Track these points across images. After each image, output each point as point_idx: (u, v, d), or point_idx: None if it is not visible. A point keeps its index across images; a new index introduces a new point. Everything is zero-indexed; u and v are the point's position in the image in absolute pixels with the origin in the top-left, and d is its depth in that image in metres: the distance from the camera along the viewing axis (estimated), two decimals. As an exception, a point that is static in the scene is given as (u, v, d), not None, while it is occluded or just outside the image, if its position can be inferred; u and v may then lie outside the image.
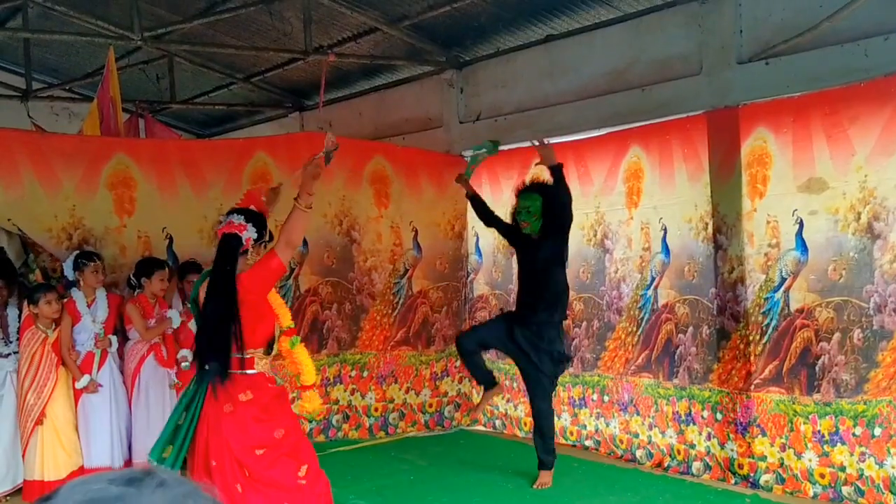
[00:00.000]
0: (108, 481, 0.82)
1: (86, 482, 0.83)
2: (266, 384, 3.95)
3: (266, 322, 3.94)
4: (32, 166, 6.05)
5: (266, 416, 3.92)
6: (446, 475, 6.13)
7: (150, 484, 0.82)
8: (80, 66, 9.68)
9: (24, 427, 5.56)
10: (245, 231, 3.87)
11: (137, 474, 0.83)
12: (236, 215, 3.93)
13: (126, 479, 0.82)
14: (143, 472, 0.83)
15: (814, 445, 5.19)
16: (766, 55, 5.42)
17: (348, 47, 7.88)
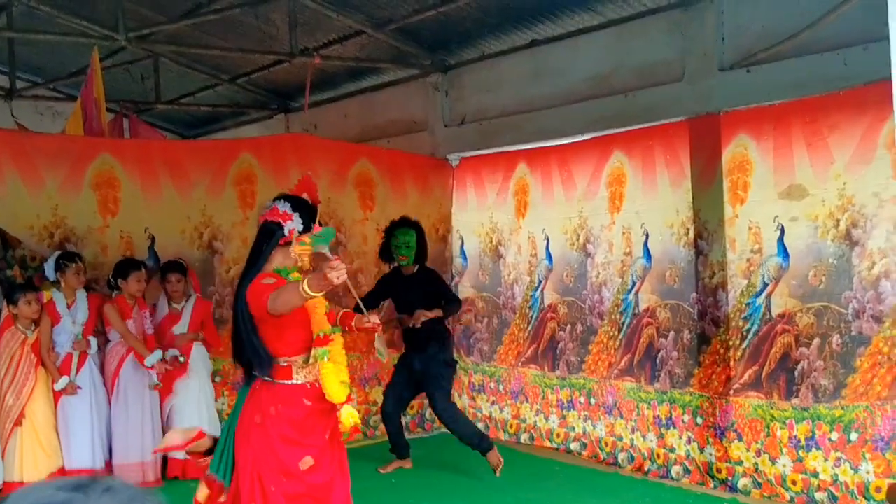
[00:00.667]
0: (55, 487, 0.83)
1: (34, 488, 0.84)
2: (301, 398, 3.49)
3: (300, 328, 3.49)
4: (15, 165, 6.04)
5: (296, 437, 3.48)
6: (428, 478, 6.15)
7: (96, 489, 0.83)
8: (64, 65, 9.64)
9: (3, 428, 5.54)
10: (290, 221, 3.46)
11: (85, 480, 0.85)
12: (283, 202, 3.50)
13: (73, 485, 0.84)
14: (91, 479, 0.85)
15: (789, 451, 5.24)
16: (748, 63, 5.48)
17: (334, 50, 7.89)
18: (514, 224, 7.21)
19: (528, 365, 7.12)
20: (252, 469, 3.41)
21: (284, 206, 3.49)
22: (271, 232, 3.47)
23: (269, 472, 3.42)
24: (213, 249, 6.80)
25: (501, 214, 7.31)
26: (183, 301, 6.25)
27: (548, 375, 6.94)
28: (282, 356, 3.48)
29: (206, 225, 6.75)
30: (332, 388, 3.50)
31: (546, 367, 6.95)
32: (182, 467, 6.12)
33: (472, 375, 7.61)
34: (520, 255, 7.18)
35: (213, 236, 6.78)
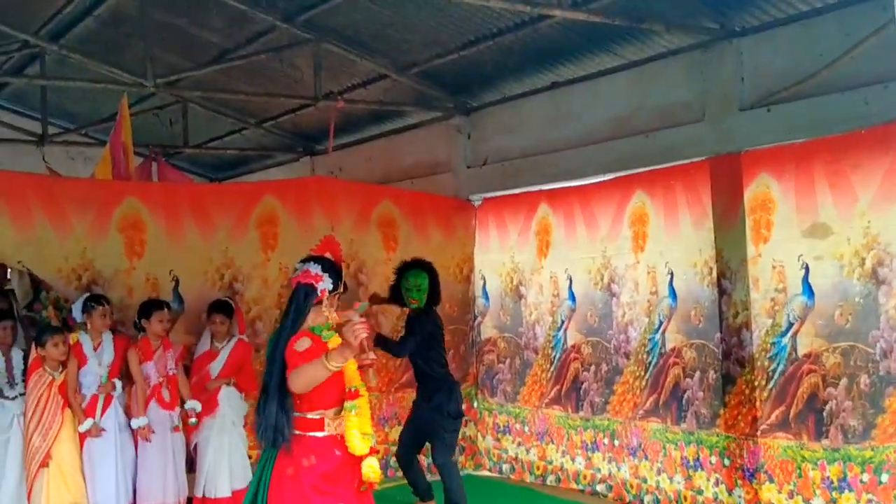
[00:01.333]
0: None
1: None
2: (333, 449, 3.63)
3: (334, 383, 3.60)
4: (44, 209, 6.14)
5: (329, 488, 3.59)
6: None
7: None
8: (96, 111, 9.85)
9: (30, 469, 5.57)
10: (321, 282, 3.69)
11: None
12: (313, 264, 3.74)
13: None
14: None
15: (822, 492, 5.14)
16: (768, 102, 5.47)
17: (357, 93, 8.00)
18: (535, 264, 7.20)
19: (551, 406, 7.06)
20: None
21: (315, 269, 3.72)
22: (305, 294, 3.68)
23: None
24: (234, 290, 6.85)
25: (523, 255, 7.31)
26: (224, 341, 6.29)
27: (571, 416, 6.88)
28: (315, 409, 3.61)
29: (228, 266, 6.80)
30: (353, 441, 3.63)
31: (570, 408, 6.89)
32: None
33: (497, 416, 7.56)
34: (541, 295, 7.17)
35: (234, 277, 6.83)
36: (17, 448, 5.67)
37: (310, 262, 3.76)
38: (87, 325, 5.84)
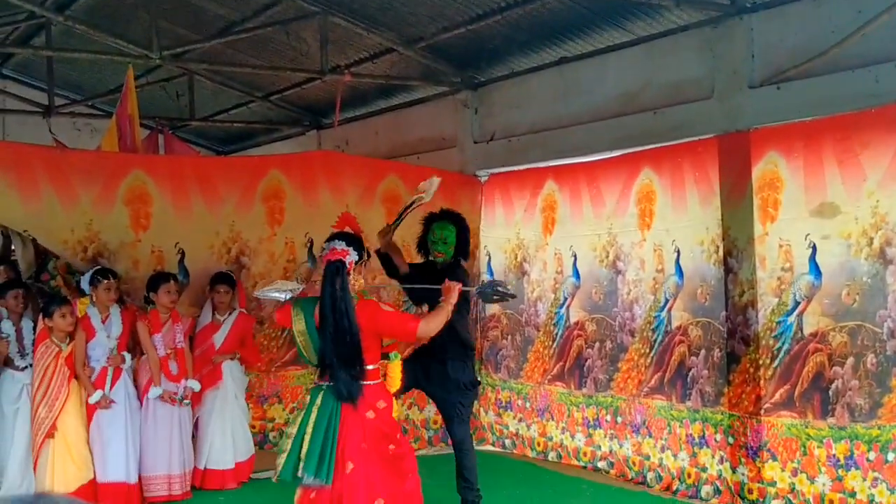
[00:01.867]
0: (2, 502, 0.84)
1: None
2: (388, 392, 4.39)
3: (378, 341, 4.35)
4: (51, 181, 6.15)
5: (389, 429, 4.35)
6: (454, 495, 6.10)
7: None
8: (102, 82, 9.83)
9: (35, 440, 5.61)
10: (348, 255, 4.24)
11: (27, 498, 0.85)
12: (338, 241, 4.27)
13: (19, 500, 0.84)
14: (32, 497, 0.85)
15: (828, 469, 5.14)
16: (778, 80, 5.42)
17: (364, 67, 7.96)
18: (540, 241, 7.19)
19: (553, 382, 7.07)
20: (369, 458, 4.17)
21: (341, 245, 4.27)
22: (338, 268, 4.22)
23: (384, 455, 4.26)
24: (241, 264, 6.87)
25: (528, 231, 7.30)
26: (226, 314, 6.32)
27: (574, 393, 6.89)
28: (374, 362, 4.31)
29: (235, 240, 6.82)
30: (393, 378, 4.55)
31: (572, 385, 6.91)
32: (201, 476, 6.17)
33: (500, 392, 7.58)
34: (545, 272, 7.16)
35: (241, 251, 6.85)
36: (26, 418, 5.71)
37: (334, 241, 4.27)
38: (93, 297, 5.86)
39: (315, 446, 4.09)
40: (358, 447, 4.14)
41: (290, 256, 7.06)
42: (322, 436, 4.10)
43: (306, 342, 4.30)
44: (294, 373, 7.19)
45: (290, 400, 7.19)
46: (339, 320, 4.13)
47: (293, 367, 7.18)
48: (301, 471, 4.10)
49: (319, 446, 4.09)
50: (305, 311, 4.26)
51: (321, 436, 4.10)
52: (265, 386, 7.12)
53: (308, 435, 4.12)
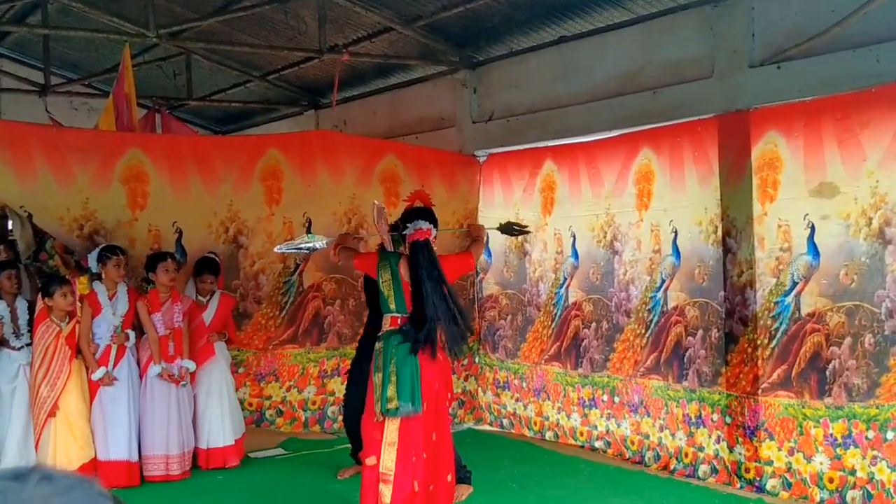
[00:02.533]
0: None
1: None
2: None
3: None
4: (47, 160, 6.12)
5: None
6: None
7: (33, 478, 0.83)
8: (99, 61, 9.77)
9: (38, 419, 5.62)
10: (431, 233, 4.68)
11: (23, 470, 0.84)
12: (422, 221, 4.65)
13: (10, 474, 0.83)
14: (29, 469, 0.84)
15: (825, 449, 5.16)
16: (778, 59, 5.39)
17: (363, 46, 7.91)
18: (539, 221, 7.17)
19: (550, 362, 7.09)
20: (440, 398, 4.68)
21: (426, 225, 4.66)
22: (425, 246, 4.64)
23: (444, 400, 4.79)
24: (238, 244, 6.86)
25: (527, 211, 7.28)
26: (209, 296, 6.36)
27: (570, 373, 6.90)
28: None
29: (232, 220, 6.82)
30: None
31: (569, 365, 6.92)
32: (205, 457, 6.19)
33: (497, 372, 7.59)
34: (545, 253, 7.15)
35: (239, 231, 6.85)
36: (22, 397, 5.72)
37: (418, 220, 4.65)
38: (101, 275, 5.86)
39: (404, 378, 4.46)
40: (432, 387, 4.56)
41: (287, 236, 7.03)
42: (408, 370, 4.47)
43: (390, 290, 4.64)
44: (291, 351, 7.21)
45: (286, 378, 7.20)
46: (436, 287, 4.53)
47: (290, 346, 7.19)
48: (396, 402, 4.45)
49: (408, 379, 4.47)
50: (392, 262, 4.66)
51: (407, 370, 4.47)
52: (262, 364, 7.13)
53: (393, 373, 4.48)
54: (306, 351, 7.26)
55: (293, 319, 7.16)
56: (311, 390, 7.26)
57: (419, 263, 4.57)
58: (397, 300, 4.64)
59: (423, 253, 4.60)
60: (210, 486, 5.89)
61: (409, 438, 4.51)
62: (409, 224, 4.67)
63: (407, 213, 4.80)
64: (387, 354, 4.55)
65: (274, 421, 7.21)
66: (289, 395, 7.21)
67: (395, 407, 4.46)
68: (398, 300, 4.64)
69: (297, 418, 7.24)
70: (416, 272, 4.56)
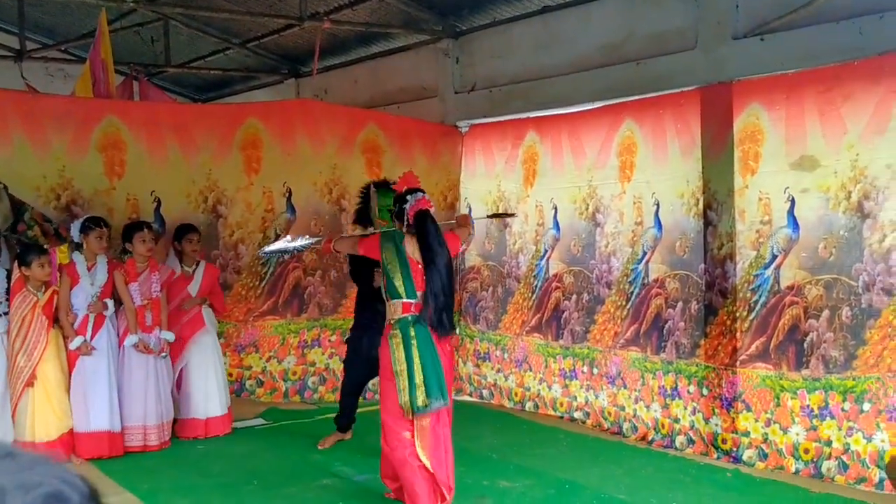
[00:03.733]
0: None
1: None
2: None
3: None
4: (23, 127, 6.02)
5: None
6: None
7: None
8: (75, 26, 9.60)
9: (14, 389, 5.57)
10: (431, 204, 4.58)
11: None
12: (419, 192, 4.54)
13: None
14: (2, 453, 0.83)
15: (801, 420, 5.22)
16: (762, 31, 5.38)
17: (344, 14, 7.81)
18: (521, 193, 7.16)
19: (532, 334, 7.11)
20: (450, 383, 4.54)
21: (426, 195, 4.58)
22: (429, 214, 4.52)
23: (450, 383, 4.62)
24: (218, 213, 6.80)
25: (509, 183, 7.26)
26: (193, 265, 6.30)
27: (551, 344, 6.93)
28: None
29: (211, 189, 6.75)
30: None
31: (550, 336, 6.94)
32: (204, 427, 6.19)
33: (478, 343, 7.61)
34: (526, 224, 7.14)
35: (218, 200, 6.79)
36: (0, 367, 5.66)
37: (417, 193, 4.52)
38: (83, 245, 5.79)
39: (429, 372, 4.34)
40: (450, 374, 4.53)
41: (267, 206, 6.99)
42: (430, 363, 4.35)
43: (397, 273, 4.46)
44: (272, 322, 7.18)
45: (266, 349, 7.18)
46: (444, 256, 4.41)
47: (270, 317, 7.16)
48: (425, 399, 4.31)
49: (433, 371, 4.34)
50: (396, 241, 4.50)
51: (430, 363, 4.35)
52: (242, 335, 7.10)
53: (418, 365, 4.33)
54: (287, 322, 7.23)
55: (273, 290, 7.12)
56: (292, 360, 7.25)
57: (428, 231, 4.41)
58: (406, 284, 4.44)
59: (431, 220, 4.47)
60: (191, 456, 5.88)
61: (437, 432, 4.42)
62: (409, 197, 4.51)
63: (399, 194, 4.63)
64: (408, 347, 4.38)
65: (254, 391, 7.20)
66: (269, 366, 7.19)
67: (426, 404, 4.32)
68: (408, 284, 4.44)
69: (278, 388, 7.24)
70: (426, 240, 4.40)
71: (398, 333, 4.40)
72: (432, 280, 4.38)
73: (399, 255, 4.46)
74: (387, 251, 4.49)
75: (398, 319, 4.43)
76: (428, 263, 4.40)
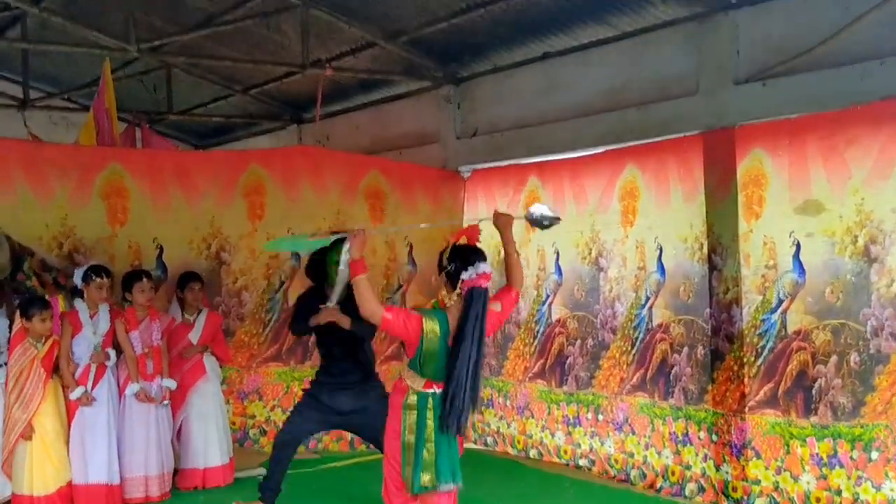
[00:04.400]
0: None
1: None
2: None
3: None
4: (25, 175, 6.04)
5: None
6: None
7: None
8: (79, 75, 9.67)
9: (7, 440, 5.49)
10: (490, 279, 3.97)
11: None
12: (483, 264, 3.99)
13: None
14: None
15: (811, 468, 5.14)
16: (764, 76, 5.40)
17: (346, 61, 7.87)
18: (523, 237, 7.13)
19: (535, 380, 7.04)
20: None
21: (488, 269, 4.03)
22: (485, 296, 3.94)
23: None
24: (221, 260, 6.79)
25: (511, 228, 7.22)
26: (195, 313, 6.25)
27: (554, 391, 6.86)
28: None
29: (215, 236, 6.75)
30: None
31: (553, 383, 6.87)
32: (202, 477, 6.10)
33: (482, 389, 7.52)
34: (527, 269, 7.09)
35: (221, 247, 6.78)
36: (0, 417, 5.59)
37: (481, 263, 3.97)
38: (83, 293, 5.75)
39: (443, 451, 3.93)
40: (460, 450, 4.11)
41: (272, 253, 6.97)
42: (445, 441, 3.93)
43: (434, 354, 3.91)
44: (275, 369, 7.12)
45: (270, 396, 7.10)
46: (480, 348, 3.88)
47: (274, 364, 7.10)
48: (434, 480, 3.91)
49: (446, 450, 3.94)
50: (440, 320, 3.91)
51: (445, 441, 3.93)
52: (245, 382, 7.04)
53: (431, 442, 3.92)
54: (290, 369, 7.16)
55: (277, 337, 7.07)
56: None
57: (469, 317, 3.84)
58: (436, 366, 3.93)
59: (482, 305, 3.88)
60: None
61: None
62: (469, 266, 3.93)
63: (458, 250, 4.05)
64: (422, 420, 3.94)
65: (258, 440, 7.10)
66: (273, 415, 7.10)
67: (433, 484, 3.91)
68: (437, 366, 3.93)
69: (281, 438, 7.13)
70: (464, 327, 3.84)
71: (415, 404, 3.96)
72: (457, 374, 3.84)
73: (442, 344, 3.91)
74: (430, 335, 3.90)
75: (419, 392, 3.97)
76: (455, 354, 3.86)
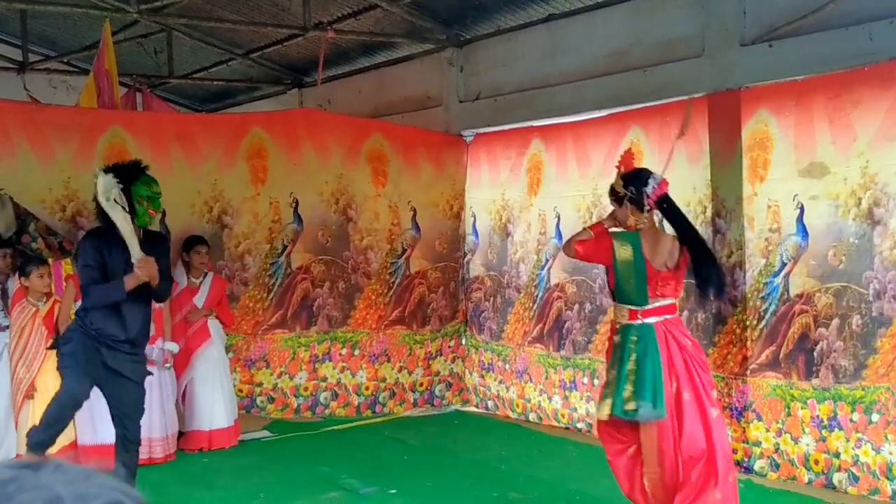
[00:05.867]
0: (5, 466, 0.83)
1: None
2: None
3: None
4: (27, 138, 6.00)
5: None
6: (439, 456, 6.11)
7: (48, 467, 0.83)
8: (78, 38, 9.58)
9: (15, 400, 5.52)
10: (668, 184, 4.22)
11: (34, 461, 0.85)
12: (657, 174, 4.23)
13: (23, 464, 0.83)
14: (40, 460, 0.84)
15: (811, 430, 5.16)
16: (770, 37, 5.35)
17: (348, 24, 7.79)
18: (525, 201, 7.12)
19: (533, 344, 7.06)
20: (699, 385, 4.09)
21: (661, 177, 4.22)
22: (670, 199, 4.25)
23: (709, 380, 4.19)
24: (223, 224, 6.77)
25: (513, 191, 7.22)
26: (201, 276, 6.26)
27: (552, 355, 6.88)
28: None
29: (217, 199, 6.72)
30: None
31: (551, 347, 6.89)
32: (207, 439, 6.13)
33: (483, 353, 7.56)
34: (528, 234, 7.10)
35: (223, 211, 6.75)
36: (5, 379, 5.62)
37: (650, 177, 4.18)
38: None
39: (646, 375, 4.02)
40: (691, 377, 4.09)
41: (274, 217, 6.95)
42: (650, 365, 4.03)
43: (630, 277, 4.11)
44: (281, 335, 7.11)
45: (277, 363, 7.11)
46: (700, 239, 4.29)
47: (280, 330, 7.10)
48: (635, 405, 4.03)
49: (650, 376, 4.02)
50: (632, 243, 4.13)
51: (649, 364, 4.03)
52: (252, 349, 7.04)
53: (632, 372, 4.04)
54: (296, 335, 7.16)
55: (281, 302, 7.06)
56: (303, 376, 7.16)
57: (676, 211, 4.24)
58: (638, 290, 4.09)
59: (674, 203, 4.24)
60: (196, 469, 5.83)
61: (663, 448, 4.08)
62: (648, 181, 4.15)
63: (627, 176, 4.24)
64: (625, 350, 4.09)
65: (265, 407, 7.11)
66: (280, 382, 7.11)
67: (634, 409, 4.04)
68: (639, 290, 4.09)
69: (289, 405, 7.15)
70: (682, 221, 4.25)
71: (619, 338, 4.16)
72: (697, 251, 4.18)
73: (635, 259, 4.10)
74: (623, 255, 4.13)
75: (624, 325, 4.16)
76: (692, 243, 4.19)
